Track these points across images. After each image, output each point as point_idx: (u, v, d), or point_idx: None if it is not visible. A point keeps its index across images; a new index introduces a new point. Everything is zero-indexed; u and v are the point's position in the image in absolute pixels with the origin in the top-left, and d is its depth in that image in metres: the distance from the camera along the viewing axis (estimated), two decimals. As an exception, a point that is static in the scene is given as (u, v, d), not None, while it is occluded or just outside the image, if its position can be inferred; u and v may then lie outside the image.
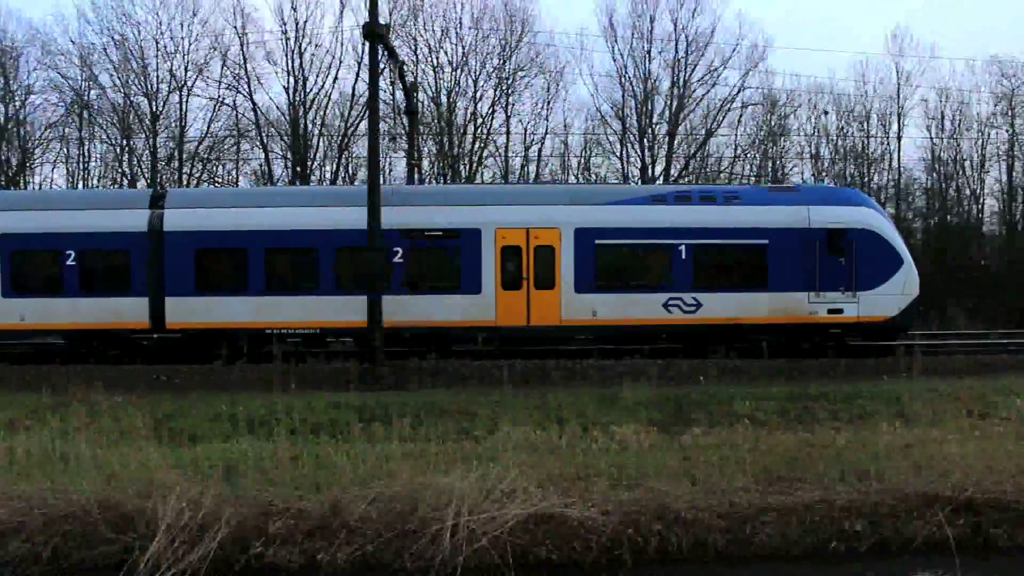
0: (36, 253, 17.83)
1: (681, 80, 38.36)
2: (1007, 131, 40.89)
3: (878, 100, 41.04)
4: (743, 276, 18.24)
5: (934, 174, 41.88)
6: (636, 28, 38.17)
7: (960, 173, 41.80)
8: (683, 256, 17.93)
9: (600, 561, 8.25)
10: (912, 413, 11.90)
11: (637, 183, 36.12)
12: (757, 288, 17.98)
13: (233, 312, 17.61)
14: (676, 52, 38.05)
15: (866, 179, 40.67)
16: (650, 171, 38.48)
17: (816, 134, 41.54)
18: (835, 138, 41.76)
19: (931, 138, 41.47)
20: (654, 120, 38.85)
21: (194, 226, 17.60)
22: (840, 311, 17.97)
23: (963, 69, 44.29)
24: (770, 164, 41.69)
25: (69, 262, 17.53)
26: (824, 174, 40.87)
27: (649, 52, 38.12)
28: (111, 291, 17.62)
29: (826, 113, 41.17)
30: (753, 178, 39.95)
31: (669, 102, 38.49)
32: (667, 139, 38.53)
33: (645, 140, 38.75)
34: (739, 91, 38.64)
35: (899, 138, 41.35)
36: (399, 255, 17.74)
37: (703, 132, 39.16)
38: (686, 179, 38.17)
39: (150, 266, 17.62)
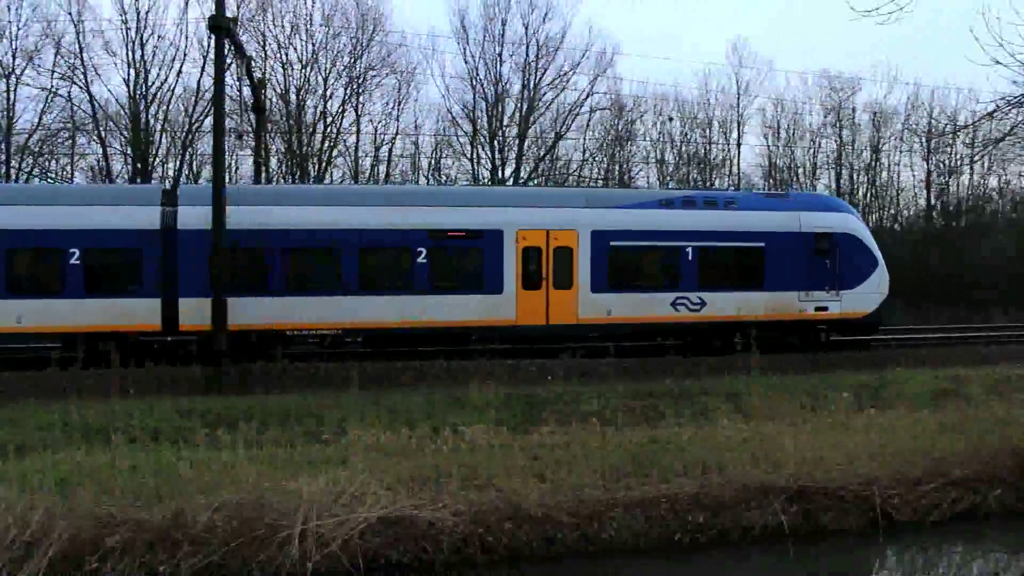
0: (36, 251, 18.25)
1: (531, 83, 42.29)
2: (835, 141, 48.64)
3: (719, 108, 47.59)
4: (742, 276, 20.90)
5: (771, 180, 47.83)
6: (488, 31, 41.94)
7: (795, 179, 48.16)
8: (689, 257, 20.45)
9: (451, 561, 9.02)
10: (750, 408, 13.69)
11: (488, 184, 39.21)
12: (755, 288, 20.73)
13: (252, 313, 18.30)
14: (527, 56, 42.06)
15: (708, 184, 45.81)
16: (500, 173, 41.81)
17: (661, 139, 46.99)
18: (679, 144, 47.47)
19: (768, 146, 48.67)
20: (505, 122, 42.57)
21: (210, 224, 17.61)
22: (826, 308, 21.04)
23: (797, 82, 52.48)
24: (617, 168, 46.41)
25: (73, 261, 17.92)
26: (668, 178, 46.05)
27: (500, 55, 41.91)
28: (119, 292, 18.19)
29: (671, 119, 46.69)
30: (600, 181, 44.42)
31: (520, 105, 42.36)
32: (517, 141, 42.23)
33: (496, 142, 42.18)
34: (588, 96, 43.26)
35: (739, 145, 48.01)
36: (423, 255, 19.19)
37: (553, 135, 43.21)
38: (535, 181, 41.90)
39: (163, 266, 18.27)
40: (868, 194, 48.33)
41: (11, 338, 18.61)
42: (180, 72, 38.46)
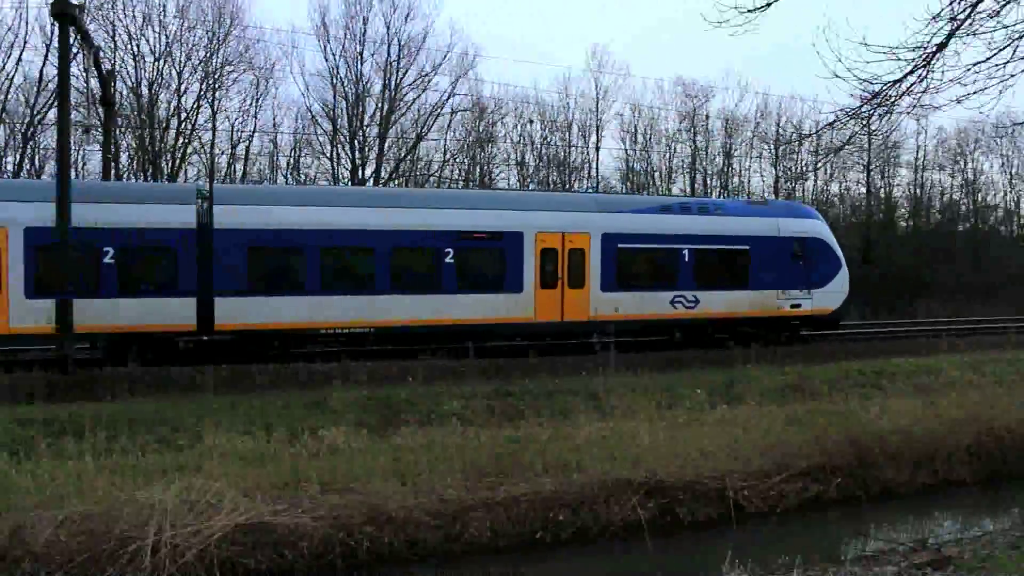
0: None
1: (393, 83, 44.85)
2: (690, 146, 54.32)
3: (579, 112, 52.32)
4: (731, 276, 24.79)
5: (628, 183, 52.89)
6: (349, 29, 44.18)
7: (651, 183, 53.32)
8: (686, 259, 24.16)
9: (312, 567, 9.88)
10: (608, 406, 15.28)
11: (348, 184, 41.77)
12: (742, 287, 24.78)
13: (287, 312, 20.40)
14: (388, 55, 44.58)
15: (568, 186, 50.03)
16: (360, 173, 43.91)
17: (522, 142, 51.22)
18: (539, 146, 51.91)
19: (626, 149, 53.82)
20: (365, 122, 44.99)
21: (247, 223, 19.98)
22: (799, 306, 25.42)
23: (653, 88, 57.60)
24: (478, 169, 49.97)
25: (107, 259, 19.21)
26: (529, 180, 50.05)
27: (361, 54, 44.25)
28: (155, 291, 19.62)
29: (531, 122, 50.94)
30: (461, 183, 47.97)
31: (380, 105, 44.80)
32: (378, 141, 44.65)
33: (356, 142, 44.62)
34: (449, 97, 46.39)
35: (597, 148, 52.69)
36: (450, 255, 21.74)
37: (414, 136, 45.98)
38: (396, 182, 44.58)
39: (199, 264, 19.80)
40: (721, 198, 53.02)
41: (44, 339, 19.47)
42: (20, 60, 38.38)
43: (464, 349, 19.79)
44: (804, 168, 56.13)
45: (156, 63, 40.56)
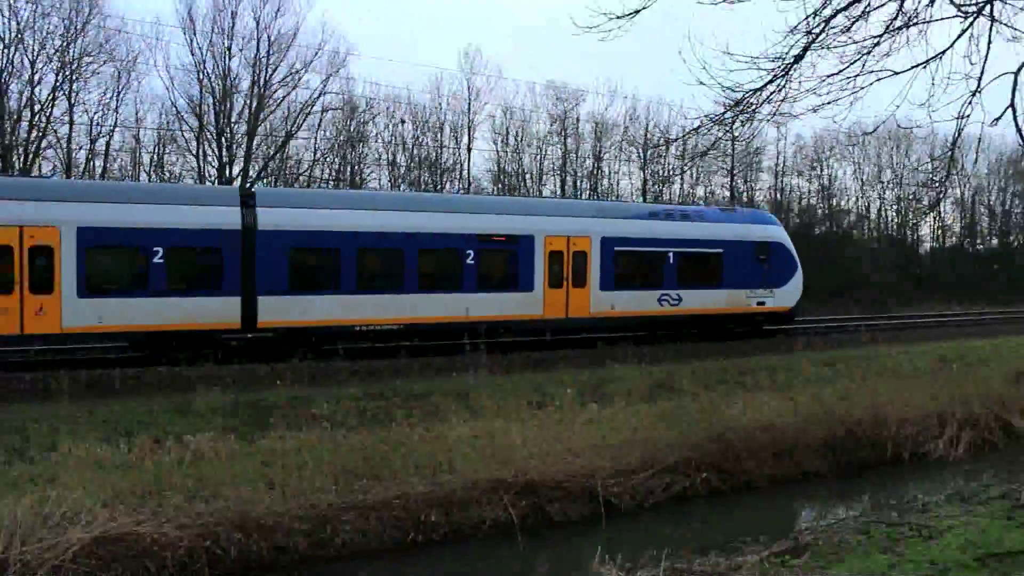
0: (120, 249, 19.97)
1: (262, 80, 43.63)
2: (561, 149, 55.05)
3: (451, 113, 52.25)
4: (708, 277, 27.30)
5: (500, 185, 53.28)
6: (216, 22, 42.55)
7: (522, 185, 53.89)
8: (671, 261, 26.58)
9: (177, 578, 9.63)
10: (480, 407, 15.42)
11: (215, 183, 40.96)
12: (717, 286, 27.43)
13: (325, 310, 21.48)
14: (257, 51, 43.30)
15: (440, 187, 49.95)
16: (228, 171, 42.69)
17: (394, 142, 50.72)
18: (411, 147, 51.45)
19: (497, 151, 54.09)
20: (233, 119, 43.69)
21: (288, 225, 21.08)
22: (764, 303, 28.27)
23: (525, 90, 58.62)
24: (349, 169, 49.36)
25: (156, 260, 19.77)
26: (400, 181, 49.77)
27: (229, 48, 42.77)
28: (201, 290, 20.31)
29: (403, 122, 50.47)
30: (332, 182, 47.48)
31: (249, 101, 43.58)
32: (246, 139, 43.48)
33: (223, 139, 43.21)
34: (320, 95, 45.56)
35: (469, 149, 52.75)
36: (471, 257, 23.44)
37: (283, 134, 45.04)
38: (265, 181, 43.69)
39: (243, 265, 20.57)
40: (593, 199, 54.37)
41: (89, 339, 20.56)
42: None
43: (334, 350, 19.71)
44: (671, 172, 57.95)
45: (5, 51, 38.15)
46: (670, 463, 14.06)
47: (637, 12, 10.33)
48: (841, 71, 10.41)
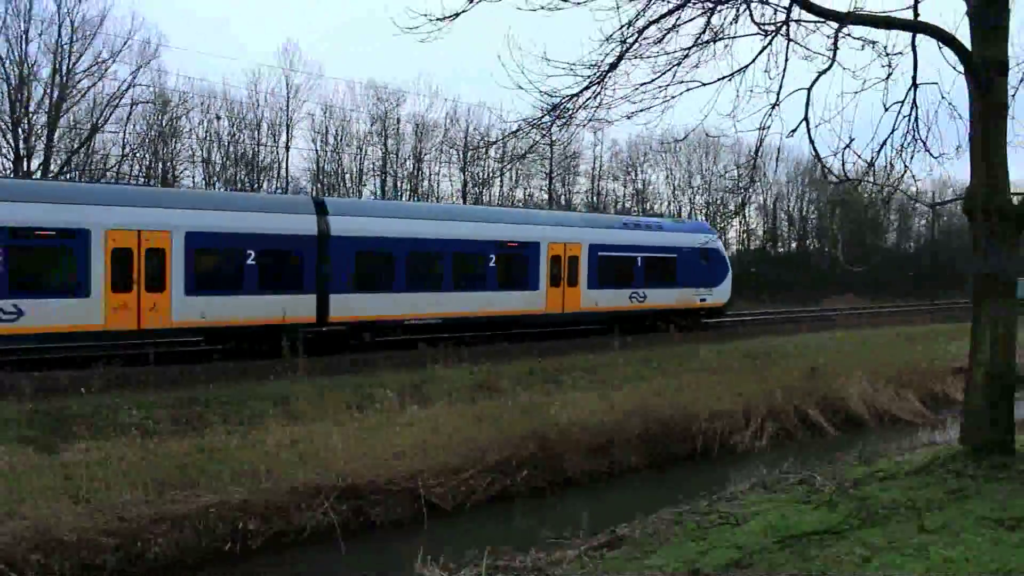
0: (221, 252, 22.23)
1: (64, 68, 41.13)
2: (381, 149, 55.06)
3: (269, 110, 51.24)
4: (665, 278, 32.66)
5: (319, 184, 52.58)
6: (12, 4, 39.90)
7: (341, 185, 53.55)
8: (639, 264, 31.78)
9: (-32, 605, 9.07)
10: (299, 411, 15.26)
11: (10, 176, 38.25)
12: (672, 286, 32.79)
13: (382, 306, 24.94)
14: (59, 37, 40.76)
15: (256, 186, 48.94)
16: (26, 164, 39.99)
17: (208, 138, 49.20)
18: (227, 143, 50.01)
19: (317, 150, 53.45)
20: (31, 109, 41.12)
21: (354, 232, 24.33)
22: (705, 300, 34.07)
23: (345, 89, 57.66)
24: (161, 165, 47.45)
25: (249, 261, 22.26)
26: (215, 179, 48.38)
27: (27, 32, 40.28)
28: (287, 289, 22.88)
29: (219, 118, 48.88)
30: (143, 179, 45.65)
31: (49, 91, 41.04)
32: (46, 131, 40.99)
33: (20, 130, 40.45)
34: (129, 87, 43.39)
35: (287, 148, 51.94)
36: (492, 261, 27.67)
37: (88, 127, 42.59)
38: (67, 176, 41.31)
39: (318, 266, 23.41)
40: (412, 200, 54.33)
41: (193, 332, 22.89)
42: None
43: (145, 356, 19.08)
44: (491, 174, 58.83)
45: None
46: (492, 462, 14.39)
47: (457, 15, 10.57)
48: (654, 80, 11.01)
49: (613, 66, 10.80)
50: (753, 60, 11.23)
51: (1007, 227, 10.69)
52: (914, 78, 11.81)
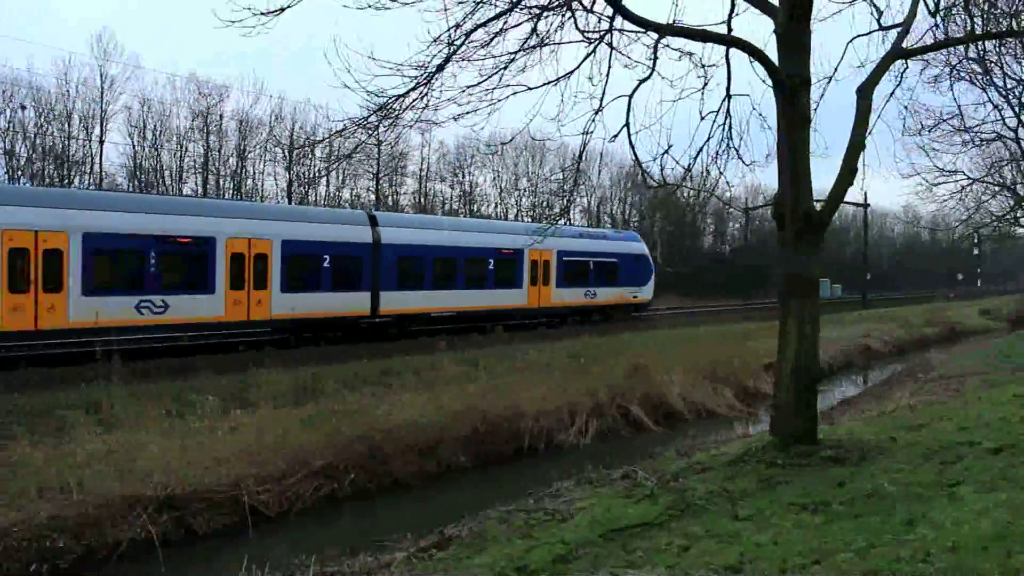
0: (307, 257, 28.12)
1: None
2: (203, 145, 53.62)
3: (81, 102, 48.57)
4: (609, 278, 40.91)
5: (136, 181, 50.58)
6: None
7: (160, 182, 51.73)
8: (591, 268, 39.97)
9: None
10: (113, 419, 14.57)
11: None
12: (614, 285, 41.05)
13: (416, 302, 31.43)
14: None
15: (67, 181, 46.49)
16: None
17: (12, 129, 46.43)
18: (33, 136, 47.25)
19: (134, 146, 51.30)
20: None
21: (398, 240, 30.86)
22: (636, 297, 42.51)
23: (165, 82, 55.11)
24: None
25: (325, 264, 28.56)
26: (20, 173, 45.63)
27: None
28: (350, 288, 29.42)
29: (23, 108, 46.20)
30: None
31: None
32: None
33: None
34: None
35: (101, 142, 49.51)
36: (491, 264, 34.79)
37: None
38: None
39: (372, 269, 29.90)
40: (235, 199, 52.70)
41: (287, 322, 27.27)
42: None
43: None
44: (317, 173, 57.91)
45: None
46: (318, 466, 14.21)
47: (282, 10, 10.39)
48: (480, 83, 11.17)
49: (440, 68, 10.87)
50: (578, 67, 11.58)
51: (811, 231, 11.43)
52: (728, 89, 12.47)
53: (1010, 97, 33.41)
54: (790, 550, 6.72)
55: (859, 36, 13.23)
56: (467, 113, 11.25)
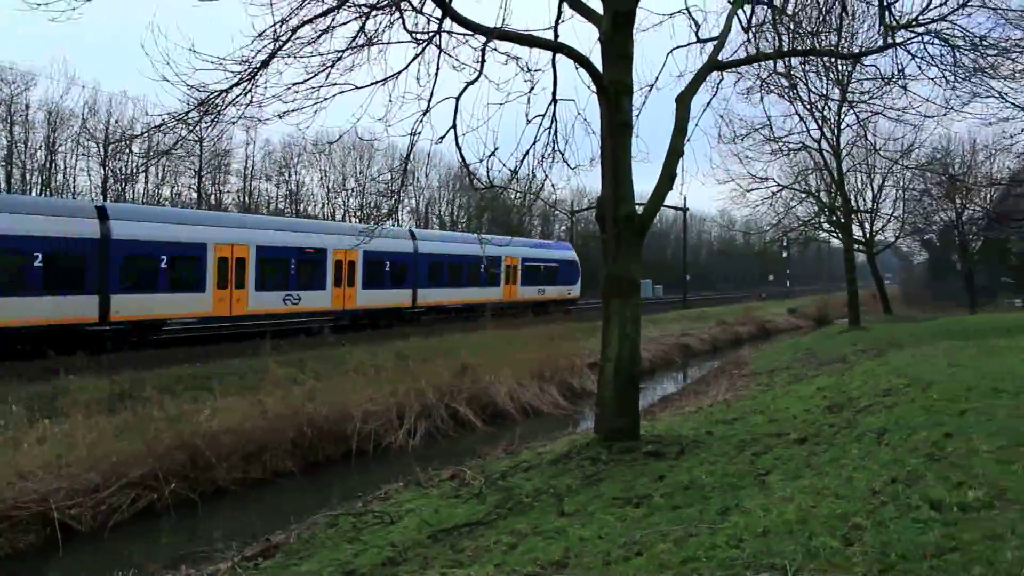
0: (375, 264, 37.40)
1: None
2: (7, 138, 50.04)
3: None
4: (553, 279, 51.93)
5: None
6: None
7: None
8: (542, 270, 51.02)
9: None
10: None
11: None
12: (556, 284, 52.29)
13: (438, 296, 41.88)
14: None
15: None
16: None
17: None
18: None
19: None
20: None
21: (426, 249, 41.10)
22: (569, 294, 53.75)
23: None
24: None
25: (386, 269, 38.26)
26: None
27: None
28: (400, 285, 39.27)
29: None
30: None
31: None
32: None
33: None
34: None
35: None
36: (482, 268, 44.50)
37: None
38: None
39: (415, 271, 40.21)
40: (44, 195, 49.62)
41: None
42: None
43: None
44: (135, 169, 55.18)
45: None
46: (135, 477, 13.59)
47: (94, -6, 9.91)
48: (306, 81, 10.99)
49: (265, 64, 10.63)
50: (406, 67, 11.58)
51: (632, 233, 11.83)
52: (554, 94, 12.76)
53: (814, 111, 35.97)
54: (613, 543, 6.94)
55: (679, 47, 13.80)
56: (293, 111, 11.05)
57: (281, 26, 10.49)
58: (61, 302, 24.02)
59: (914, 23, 13.30)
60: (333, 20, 10.73)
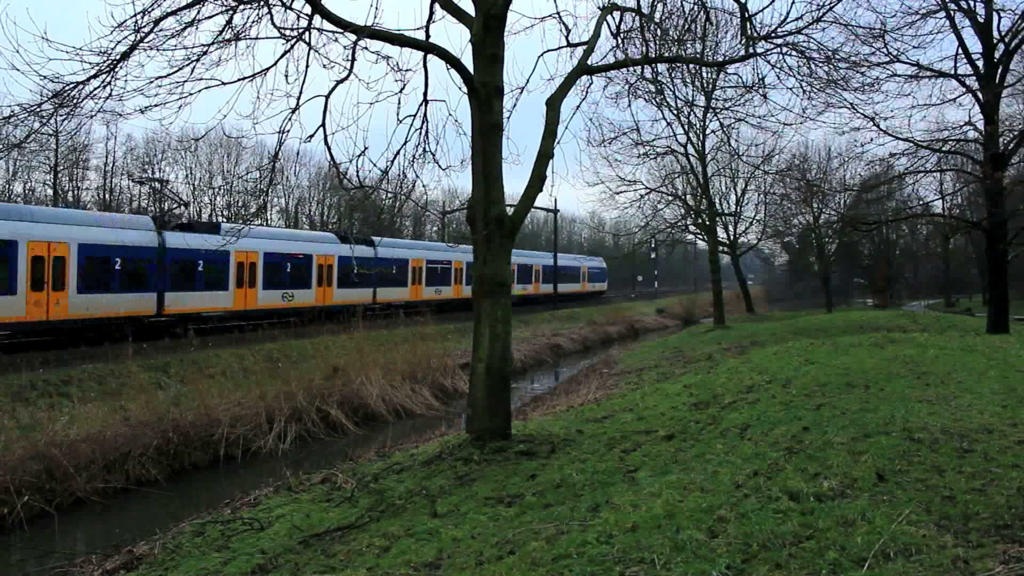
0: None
1: None
2: None
3: None
4: (573, 279, 79.03)
5: None
6: None
7: None
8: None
9: None
10: None
11: None
12: (578, 282, 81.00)
13: (441, 293, 52.62)
14: None
15: None
16: None
17: None
18: None
19: None
20: None
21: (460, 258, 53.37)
22: (595, 287, 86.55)
23: None
24: None
25: (438, 272, 52.31)
26: None
27: None
28: (445, 284, 53.20)
29: None
30: None
31: None
32: None
33: None
34: None
35: None
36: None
37: None
38: None
39: (455, 276, 54.41)
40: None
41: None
42: None
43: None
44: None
45: None
46: (-15, 490, 12.93)
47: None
48: (170, 75, 10.65)
49: (125, 55, 10.23)
50: (274, 64, 11.34)
51: (503, 234, 11.93)
52: (425, 94, 12.72)
53: (680, 116, 37.09)
54: (486, 543, 6.98)
55: (549, 51, 14.07)
56: (156, 106, 10.68)
57: (143, 17, 10.13)
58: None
59: (773, 35, 13.84)
60: (199, 13, 10.42)
